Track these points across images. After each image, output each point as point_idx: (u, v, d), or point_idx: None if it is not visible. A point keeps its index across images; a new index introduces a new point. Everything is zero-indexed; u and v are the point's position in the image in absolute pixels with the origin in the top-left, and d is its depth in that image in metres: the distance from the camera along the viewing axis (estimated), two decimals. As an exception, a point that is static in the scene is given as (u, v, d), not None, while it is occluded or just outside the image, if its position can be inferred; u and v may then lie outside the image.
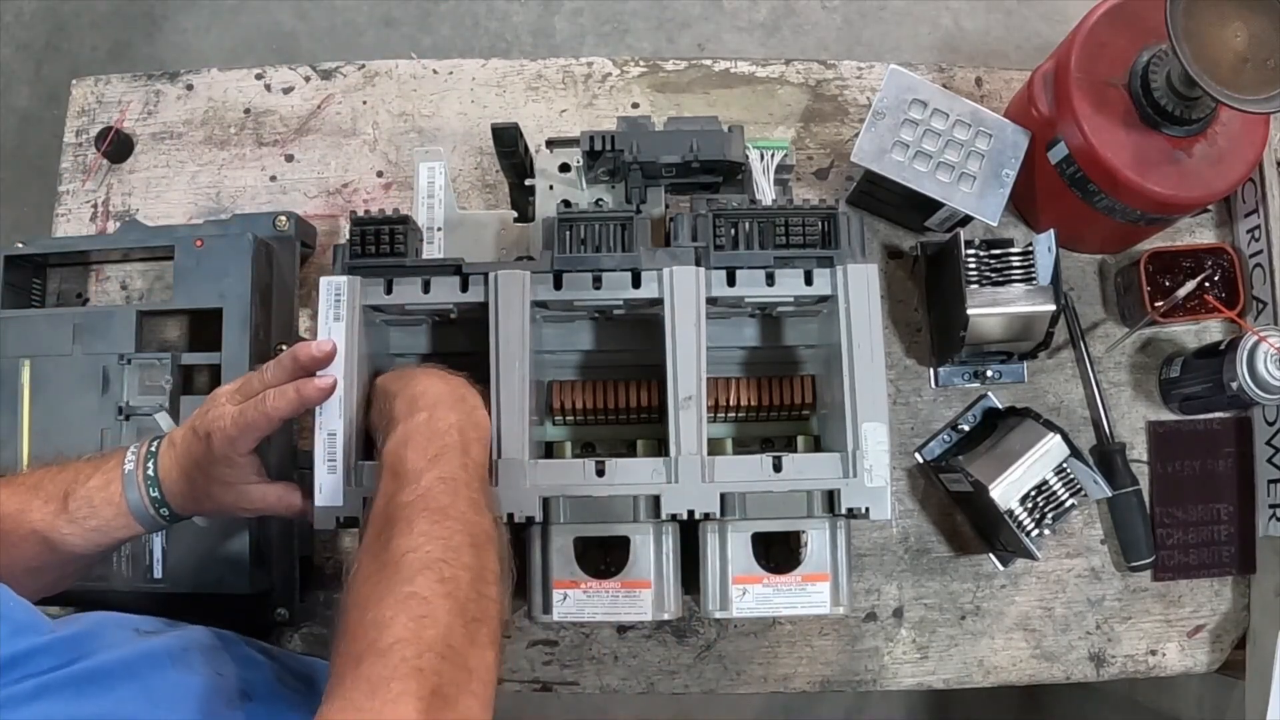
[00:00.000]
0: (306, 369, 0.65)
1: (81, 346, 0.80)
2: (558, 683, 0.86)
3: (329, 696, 0.48)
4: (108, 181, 0.95)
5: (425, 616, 0.50)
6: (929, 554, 0.88)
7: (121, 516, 0.63)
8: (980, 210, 0.83)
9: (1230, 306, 0.87)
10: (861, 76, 0.97)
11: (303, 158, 0.95)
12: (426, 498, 0.57)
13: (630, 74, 0.97)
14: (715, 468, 0.67)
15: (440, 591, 0.52)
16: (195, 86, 0.97)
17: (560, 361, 0.78)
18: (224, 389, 0.65)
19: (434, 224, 0.80)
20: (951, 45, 1.83)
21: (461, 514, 0.57)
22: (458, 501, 0.57)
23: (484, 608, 0.53)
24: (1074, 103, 0.78)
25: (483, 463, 0.63)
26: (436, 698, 0.47)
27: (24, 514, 0.62)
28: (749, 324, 0.78)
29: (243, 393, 0.64)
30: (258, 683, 0.62)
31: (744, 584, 0.69)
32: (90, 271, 0.92)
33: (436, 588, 0.52)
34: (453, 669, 0.49)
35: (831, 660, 0.87)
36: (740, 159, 0.76)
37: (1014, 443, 0.82)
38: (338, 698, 0.47)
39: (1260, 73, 0.71)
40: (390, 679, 0.47)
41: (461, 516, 0.57)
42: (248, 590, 0.76)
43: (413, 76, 0.97)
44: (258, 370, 0.66)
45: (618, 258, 0.70)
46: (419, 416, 0.61)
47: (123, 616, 0.60)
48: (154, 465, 0.64)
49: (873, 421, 0.67)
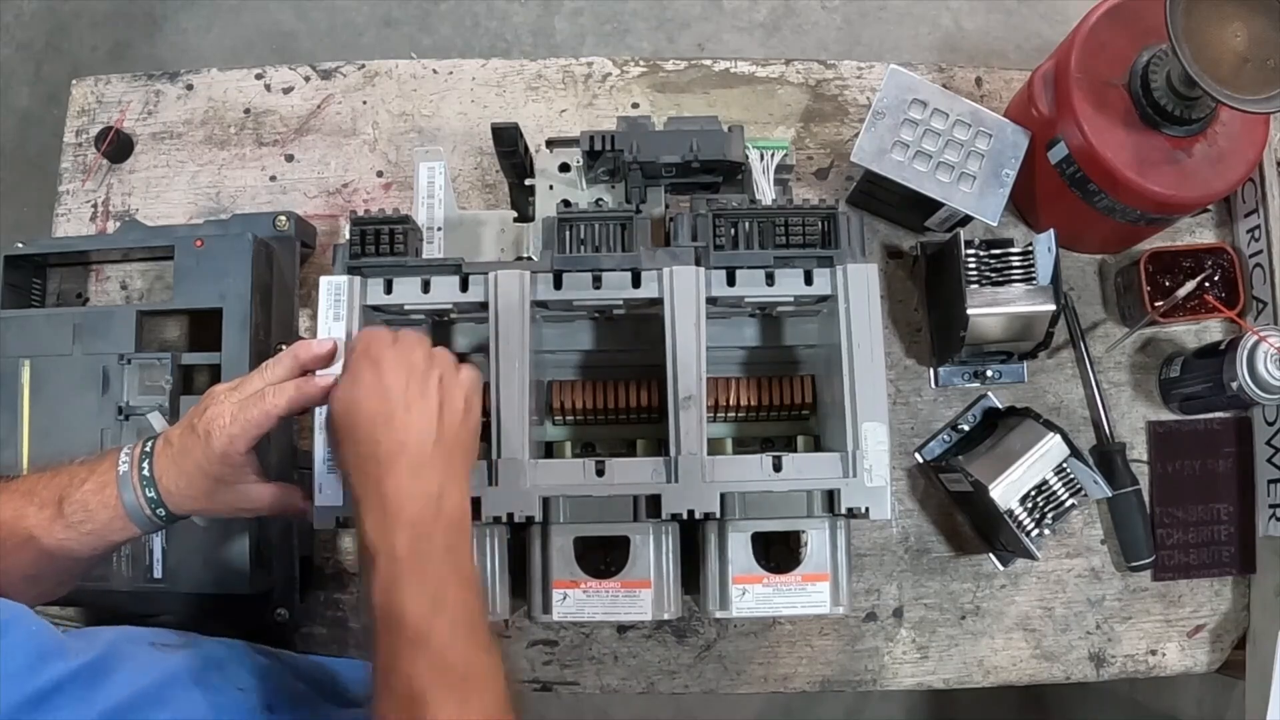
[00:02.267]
0: (307, 367, 0.65)
1: (81, 346, 0.80)
2: (558, 683, 0.86)
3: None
4: (108, 181, 0.95)
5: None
6: (929, 554, 0.88)
7: (118, 519, 0.62)
8: (980, 210, 0.83)
9: (1230, 306, 0.87)
10: (861, 76, 0.97)
11: (303, 158, 0.95)
12: (444, 664, 0.54)
13: (630, 74, 0.97)
14: (715, 468, 0.67)
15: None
16: (195, 86, 0.97)
17: (560, 361, 0.78)
18: (221, 386, 0.65)
19: (434, 224, 0.80)
20: (951, 45, 1.83)
21: (482, 673, 0.56)
22: (475, 655, 0.56)
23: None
24: (1074, 103, 0.78)
25: (466, 513, 0.61)
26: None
27: (19, 521, 0.61)
28: (749, 324, 0.78)
29: (241, 390, 0.64)
30: (276, 692, 0.62)
31: (744, 584, 0.69)
32: (90, 271, 0.93)
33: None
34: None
35: (831, 660, 0.87)
36: (740, 159, 0.76)
37: (1014, 443, 0.82)
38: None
39: (1260, 73, 0.71)
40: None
41: (483, 676, 0.55)
42: (248, 590, 0.76)
43: (413, 76, 0.97)
44: (257, 369, 0.65)
45: (618, 257, 0.70)
46: (400, 519, 0.57)
47: (136, 631, 0.60)
48: (149, 465, 0.63)
49: (873, 421, 0.67)
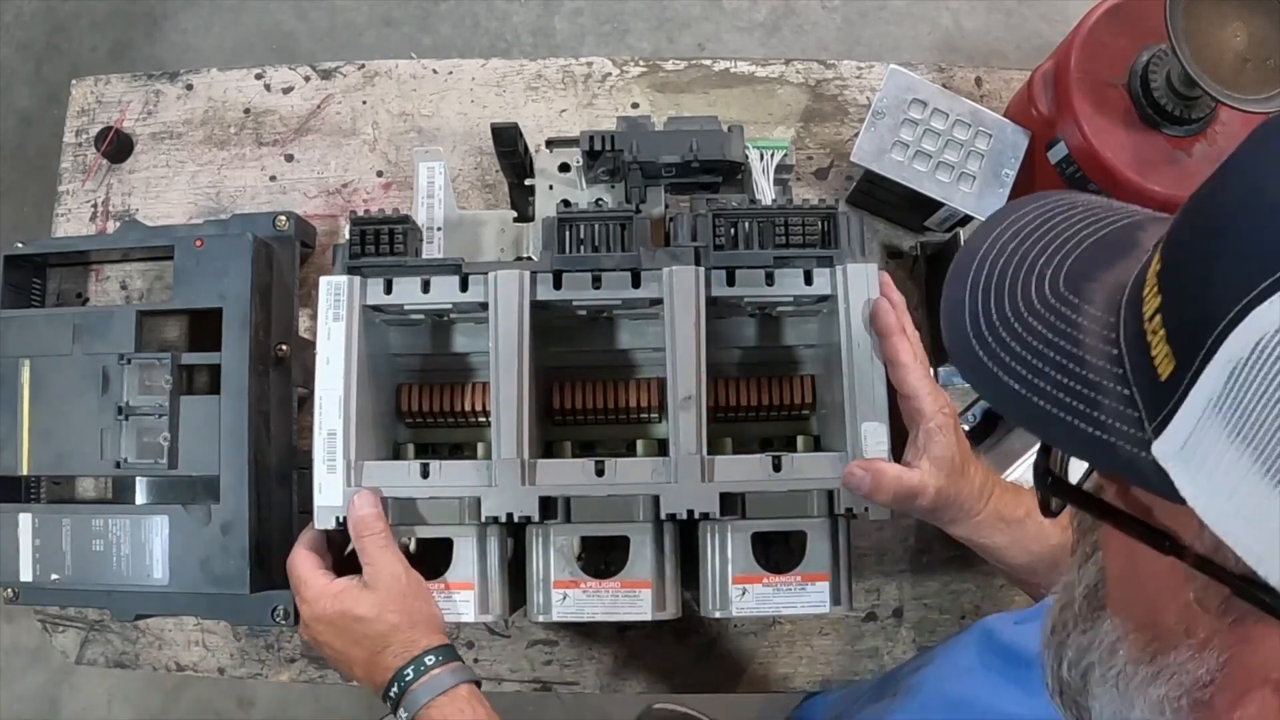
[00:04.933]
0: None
1: (81, 346, 0.80)
2: (558, 683, 0.86)
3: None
4: (107, 181, 0.95)
5: None
6: (929, 554, 0.88)
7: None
8: (980, 210, 0.83)
9: (1230, 306, 0.87)
10: (861, 76, 0.97)
11: (302, 158, 0.95)
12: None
13: (630, 74, 0.97)
14: (715, 468, 0.67)
15: None
16: (195, 86, 0.97)
17: (559, 361, 0.78)
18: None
19: (434, 224, 0.80)
20: (951, 45, 1.83)
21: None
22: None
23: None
24: (1074, 103, 0.78)
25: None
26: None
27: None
28: (749, 324, 0.78)
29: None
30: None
31: (744, 584, 0.69)
32: (90, 271, 0.93)
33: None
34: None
35: (831, 660, 0.87)
36: (740, 159, 0.76)
37: (1014, 443, 0.82)
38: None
39: (1260, 73, 0.71)
40: None
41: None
42: (248, 590, 0.76)
43: (413, 76, 0.97)
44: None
45: (617, 258, 0.70)
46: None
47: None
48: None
49: (873, 421, 0.67)
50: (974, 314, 0.38)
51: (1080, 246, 0.39)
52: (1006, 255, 0.40)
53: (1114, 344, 0.34)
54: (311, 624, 0.67)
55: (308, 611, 0.67)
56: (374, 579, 0.65)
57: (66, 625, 0.88)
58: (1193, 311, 0.30)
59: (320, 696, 1.62)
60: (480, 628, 0.87)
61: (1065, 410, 0.34)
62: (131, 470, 0.78)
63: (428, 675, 0.63)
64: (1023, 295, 0.38)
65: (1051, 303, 0.37)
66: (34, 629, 1.57)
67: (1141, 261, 0.35)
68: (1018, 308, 0.37)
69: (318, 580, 0.66)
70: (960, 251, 0.42)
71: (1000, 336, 0.37)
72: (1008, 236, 0.40)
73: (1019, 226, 0.41)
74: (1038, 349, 0.36)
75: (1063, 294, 0.37)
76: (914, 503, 0.65)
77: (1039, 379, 0.35)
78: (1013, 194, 0.84)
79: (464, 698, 0.63)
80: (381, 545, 0.66)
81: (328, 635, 0.66)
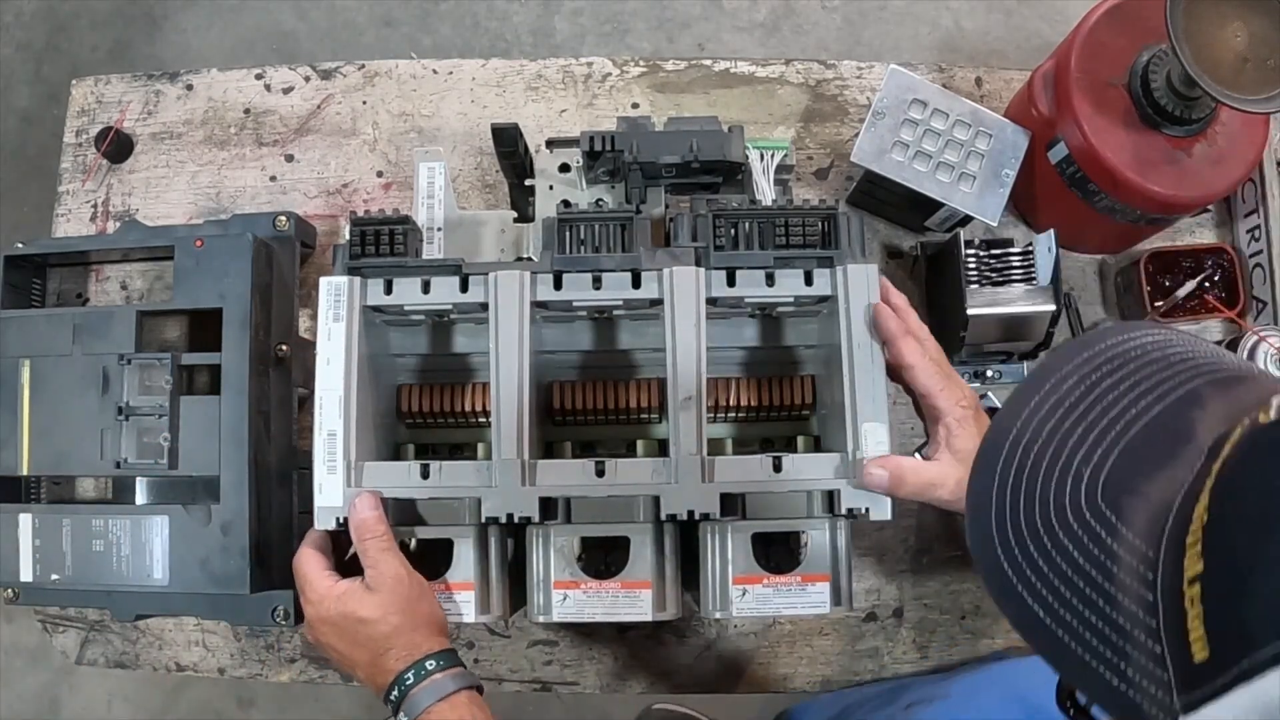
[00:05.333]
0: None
1: (81, 346, 0.80)
2: (558, 683, 0.86)
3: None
4: (108, 181, 0.95)
5: None
6: (929, 554, 0.88)
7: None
8: (980, 210, 0.83)
9: (1230, 306, 0.87)
10: (861, 76, 0.97)
11: (303, 158, 0.95)
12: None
13: (630, 74, 0.97)
14: (715, 468, 0.67)
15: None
16: (195, 86, 0.97)
17: (560, 361, 0.78)
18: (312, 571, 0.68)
19: (434, 224, 0.80)
20: (951, 45, 1.83)
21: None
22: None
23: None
24: (1074, 103, 0.78)
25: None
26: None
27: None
28: (749, 324, 0.78)
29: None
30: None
31: (744, 584, 0.69)
32: (90, 271, 0.93)
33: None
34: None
35: (831, 660, 0.87)
36: (740, 159, 0.76)
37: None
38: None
39: (1260, 73, 0.71)
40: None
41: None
42: (248, 590, 0.76)
43: (413, 76, 0.97)
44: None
45: (618, 258, 0.70)
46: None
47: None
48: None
49: (873, 421, 0.67)
50: (1001, 515, 0.34)
51: (1127, 434, 0.34)
52: (1042, 441, 0.35)
53: (1150, 587, 0.30)
54: (315, 625, 0.67)
55: (312, 612, 0.67)
56: (377, 581, 0.65)
57: (67, 625, 0.88)
58: (1231, 618, 0.27)
59: (320, 696, 1.62)
60: (480, 628, 0.87)
61: (1090, 653, 0.31)
62: (131, 470, 0.78)
63: (428, 680, 0.63)
64: (1055, 503, 0.33)
65: (1087, 519, 0.33)
66: (34, 629, 1.57)
67: (1194, 469, 0.31)
68: (1049, 519, 0.33)
69: (322, 581, 0.66)
70: (991, 428, 0.37)
71: (1027, 550, 0.33)
72: (1045, 412, 0.36)
73: (1059, 398, 0.36)
74: (1067, 575, 0.32)
75: (1100, 510, 0.33)
76: (935, 494, 0.65)
77: (1065, 610, 0.32)
78: (1013, 194, 0.84)
79: (464, 703, 0.63)
80: (383, 548, 0.66)
81: (331, 637, 0.66)
